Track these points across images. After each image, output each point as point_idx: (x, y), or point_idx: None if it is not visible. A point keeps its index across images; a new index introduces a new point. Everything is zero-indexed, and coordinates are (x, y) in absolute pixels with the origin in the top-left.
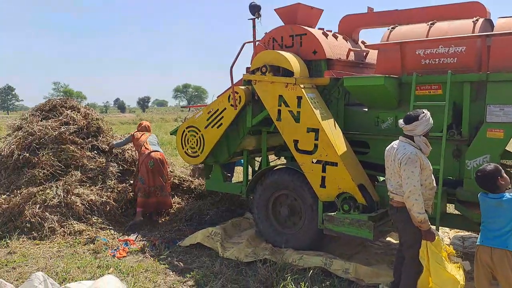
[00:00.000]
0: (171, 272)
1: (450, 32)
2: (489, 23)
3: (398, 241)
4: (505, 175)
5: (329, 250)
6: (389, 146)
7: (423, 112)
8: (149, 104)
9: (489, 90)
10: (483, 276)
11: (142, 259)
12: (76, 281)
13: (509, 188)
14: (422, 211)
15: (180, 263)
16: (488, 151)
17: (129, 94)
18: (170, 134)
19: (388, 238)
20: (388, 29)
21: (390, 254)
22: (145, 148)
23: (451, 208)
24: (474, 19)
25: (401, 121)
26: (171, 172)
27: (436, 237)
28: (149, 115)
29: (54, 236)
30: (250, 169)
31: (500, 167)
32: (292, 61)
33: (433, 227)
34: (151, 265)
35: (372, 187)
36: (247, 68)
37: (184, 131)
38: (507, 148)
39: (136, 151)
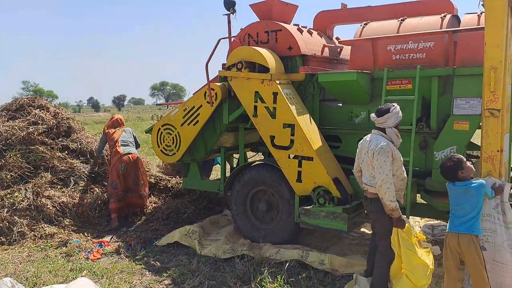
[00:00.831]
0: (147, 272)
1: (419, 28)
2: (456, 19)
3: (371, 232)
4: (467, 165)
5: (306, 243)
6: (362, 140)
7: (394, 105)
8: (125, 103)
9: (456, 84)
10: (451, 261)
11: (117, 260)
12: (47, 285)
13: (472, 177)
14: (394, 200)
15: (157, 262)
16: (455, 142)
17: (103, 92)
18: (146, 133)
19: (362, 229)
20: (361, 25)
21: (364, 244)
22: (117, 150)
23: (421, 198)
24: (442, 15)
25: (373, 115)
26: (147, 171)
27: (406, 225)
28: (125, 114)
29: (24, 241)
30: (228, 166)
31: (462, 160)
32: (268, 57)
33: (404, 216)
34: (127, 266)
35: (346, 180)
36: (223, 65)
37: (159, 129)
38: (472, 140)
39: (110, 152)
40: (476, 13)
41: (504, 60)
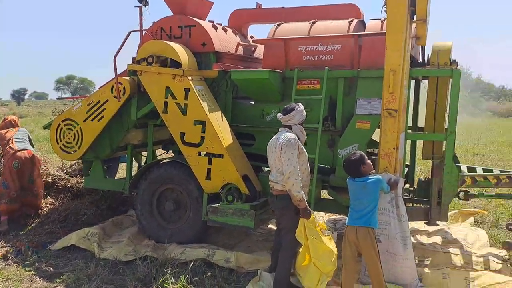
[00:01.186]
0: (38, 279)
1: (328, 31)
2: (362, 24)
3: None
4: (368, 162)
5: (213, 241)
6: (271, 139)
7: (298, 105)
8: (26, 97)
9: (359, 85)
10: (349, 254)
11: (3, 267)
12: None
13: (372, 172)
14: (301, 190)
15: (50, 268)
16: (357, 140)
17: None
18: (44, 128)
19: (270, 225)
20: (274, 26)
21: (270, 240)
22: (10, 147)
23: (326, 195)
24: (350, 19)
25: (279, 114)
26: (45, 170)
27: (311, 215)
28: (25, 109)
29: None
30: (135, 164)
31: (364, 156)
32: (180, 52)
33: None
34: (14, 272)
35: (255, 177)
36: (133, 58)
37: (59, 124)
38: (372, 138)
39: (2, 151)
40: (380, 19)
41: (402, 64)
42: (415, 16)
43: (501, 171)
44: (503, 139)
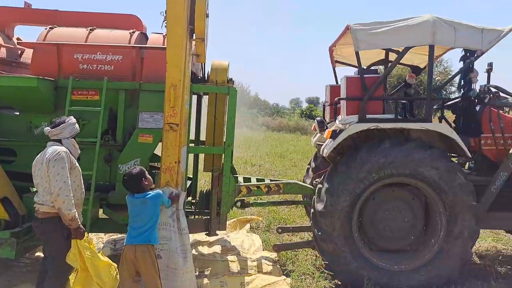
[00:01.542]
0: None
1: (108, 40)
2: (144, 36)
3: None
4: (148, 176)
5: None
6: (37, 157)
7: (69, 118)
8: None
9: (141, 98)
10: (127, 274)
11: None
12: None
13: (153, 187)
14: (73, 208)
15: None
16: (139, 155)
17: None
18: None
19: (37, 253)
20: (46, 29)
21: (37, 270)
22: None
23: (103, 213)
24: (131, 31)
25: (47, 128)
26: None
27: (85, 234)
28: None
29: None
30: None
31: (144, 170)
32: None
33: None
34: None
35: (18, 200)
36: None
37: None
38: (155, 152)
39: None
40: (162, 33)
41: (183, 79)
42: (194, 34)
43: (271, 180)
44: (276, 151)
